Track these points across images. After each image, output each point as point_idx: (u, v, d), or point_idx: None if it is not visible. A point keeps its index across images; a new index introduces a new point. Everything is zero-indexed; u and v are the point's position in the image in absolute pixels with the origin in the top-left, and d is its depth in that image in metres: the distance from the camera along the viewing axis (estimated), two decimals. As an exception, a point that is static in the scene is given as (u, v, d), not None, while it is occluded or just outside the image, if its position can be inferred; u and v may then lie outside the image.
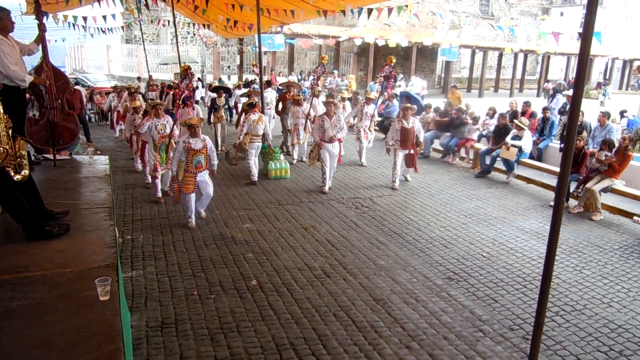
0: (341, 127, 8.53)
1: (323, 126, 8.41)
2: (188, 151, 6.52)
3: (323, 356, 4.00)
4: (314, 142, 8.74)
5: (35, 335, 2.28)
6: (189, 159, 6.53)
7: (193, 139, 6.56)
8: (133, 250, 6.01)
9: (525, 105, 12.01)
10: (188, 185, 6.61)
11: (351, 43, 25.31)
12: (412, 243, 6.47)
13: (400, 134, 8.81)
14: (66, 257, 3.11)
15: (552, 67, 34.92)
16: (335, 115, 8.49)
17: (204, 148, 6.63)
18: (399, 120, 8.88)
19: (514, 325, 4.59)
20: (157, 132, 7.77)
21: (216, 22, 13.41)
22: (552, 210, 3.77)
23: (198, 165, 6.60)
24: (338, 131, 8.46)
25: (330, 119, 8.43)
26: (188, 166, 6.57)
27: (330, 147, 8.45)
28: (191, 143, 6.54)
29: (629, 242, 6.77)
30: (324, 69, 10.54)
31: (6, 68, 4.53)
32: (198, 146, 6.56)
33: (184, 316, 4.54)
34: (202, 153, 6.60)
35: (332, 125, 8.40)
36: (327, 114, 8.51)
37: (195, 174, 6.62)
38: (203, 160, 6.63)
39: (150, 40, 29.90)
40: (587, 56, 3.40)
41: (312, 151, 8.71)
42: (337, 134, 8.47)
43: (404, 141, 8.81)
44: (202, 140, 6.63)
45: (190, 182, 6.61)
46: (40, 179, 4.78)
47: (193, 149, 6.53)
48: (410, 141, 8.80)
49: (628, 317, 4.80)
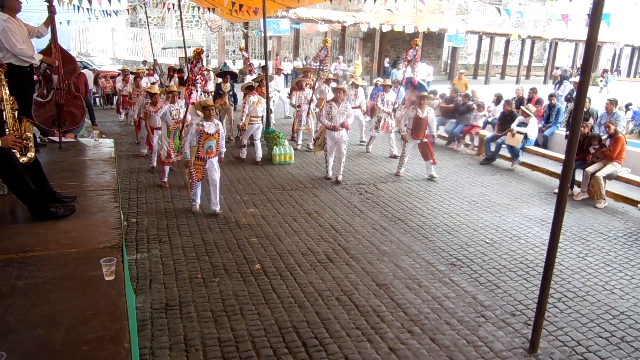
0: (349, 115, 8.29)
1: (331, 113, 8.16)
2: (200, 135, 6.29)
3: (325, 339, 4.04)
4: (319, 129, 8.58)
5: (41, 313, 2.31)
6: (201, 144, 6.33)
7: (207, 122, 6.35)
8: (138, 234, 6.05)
9: (532, 92, 11.91)
10: (198, 174, 6.45)
11: (357, 28, 25.08)
12: (416, 229, 6.48)
13: (413, 123, 8.58)
14: (72, 237, 3.14)
15: (560, 53, 34.54)
16: (343, 102, 8.26)
17: (216, 133, 6.41)
18: (414, 108, 8.59)
19: (516, 311, 4.61)
20: (172, 117, 7.63)
21: (221, 6, 13.29)
22: (556, 197, 3.76)
23: (209, 151, 6.41)
24: (345, 119, 8.25)
25: (339, 105, 8.17)
26: (199, 151, 6.36)
27: (336, 135, 8.23)
28: (204, 126, 6.31)
29: (633, 230, 6.76)
30: (326, 52, 10.34)
31: (13, 46, 4.55)
32: (211, 130, 6.35)
33: (188, 299, 4.59)
34: (214, 138, 6.39)
35: (339, 112, 8.14)
36: (335, 100, 8.28)
37: (205, 160, 6.45)
38: (214, 145, 6.44)
39: (155, 24, 29.75)
40: (594, 42, 3.37)
41: (318, 138, 8.56)
42: (345, 121, 8.26)
43: (416, 130, 8.58)
44: (215, 125, 6.42)
45: (199, 169, 6.44)
46: (46, 161, 4.80)
47: (206, 133, 6.31)
48: (422, 131, 8.58)
49: (630, 303, 4.81)
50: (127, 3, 24.14)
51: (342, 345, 3.97)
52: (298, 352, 3.87)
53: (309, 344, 3.97)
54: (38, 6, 5.92)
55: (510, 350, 3.99)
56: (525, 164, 9.82)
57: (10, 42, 4.52)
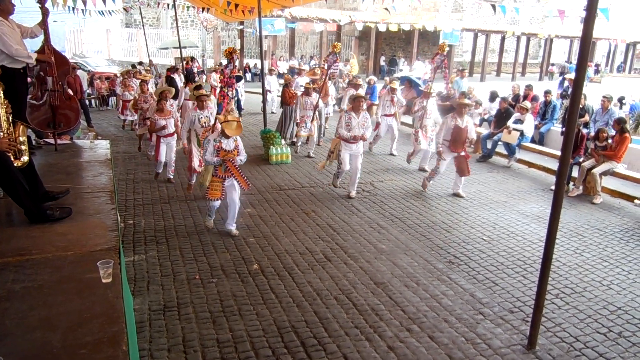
0: (368, 126, 7.53)
1: (350, 124, 7.33)
2: (218, 152, 5.69)
3: (324, 339, 4.04)
4: (333, 141, 7.76)
5: (38, 316, 2.30)
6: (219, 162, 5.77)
7: (225, 138, 5.75)
8: (135, 235, 6.03)
9: (528, 89, 11.93)
10: (214, 192, 5.80)
11: (352, 27, 25.08)
12: (413, 227, 6.49)
13: (452, 134, 7.53)
14: (68, 240, 3.13)
15: (555, 50, 34.60)
16: (363, 112, 7.46)
17: (235, 149, 5.81)
18: (453, 117, 7.57)
19: (514, 307, 4.62)
20: (201, 125, 7.06)
21: (216, 6, 13.27)
22: (553, 193, 3.77)
23: (227, 170, 5.82)
24: (364, 131, 7.44)
25: (358, 116, 7.37)
26: (217, 170, 5.79)
27: (354, 148, 7.45)
28: (222, 143, 5.72)
29: (630, 225, 6.78)
30: (335, 58, 9.64)
31: (8, 47, 4.53)
32: (230, 147, 5.75)
33: (186, 300, 4.58)
34: (234, 155, 5.79)
35: (359, 123, 7.36)
36: (355, 110, 7.41)
37: (224, 178, 5.83)
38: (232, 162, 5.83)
39: (150, 24, 29.66)
40: (589, 38, 3.37)
41: (332, 152, 7.68)
42: (364, 133, 7.46)
43: (455, 142, 7.53)
44: (234, 140, 5.81)
45: (217, 187, 5.80)
46: (42, 163, 4.79)
47: (224, 150, 5.71)
48: (462, 143, 7.55)
49: (627, 299, 4.83)
50: (122, 3, 24.06)
51: (340, 344, 3.97)
52: (297, 351, 3.87)
53: (308, 344, 3.97)
54: (31, 8, 5.89)
55: (509, 347, 4.00)
56: (521, 160, 9.84)
57: (6, 44, 4.50)
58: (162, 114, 7.79)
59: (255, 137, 11.41)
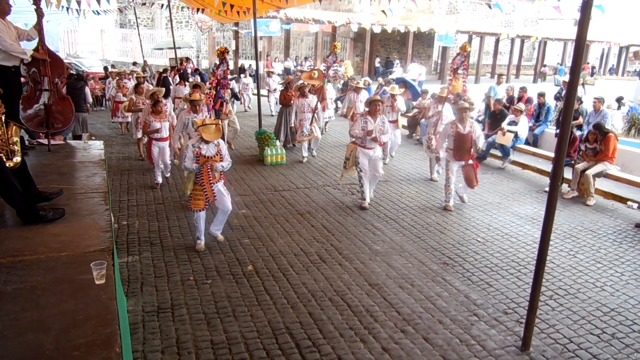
0: (386, 131, 7.14)
1: (366, 129, 6.90)
2: (197, 158, 5.32)
3: (319, 340, 4.03)
4: (348, 148, 7.38)
5: (30, 318, 2.28)
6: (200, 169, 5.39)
7: (204, 143, 5.36)
8: (129, 236, 6.00)
9: (522, 91, 11.98)
10: (197, 201, 5.43)
11: (347, 28, 25.12)
12: (408, 229, 6.49)
13: (454, 141, 7.16)
14: (61, 241, 3.10)
15: (549, 52, 34.83)
16: (380, 116, 7.03)
17: (217, 154, 5.43)
18: (453, 124, 7.19)
19: (508, 309, 4.63)
20: (194, 129, 6.51)
21: (211, 6, 13.26)
22: (547, 195, 3.78)
23: (211, 177, 5.45)
24: (381, 135, 7.04)
25: (375, 120, 6.94)
26: (198, 177, 5.41)
27: (371, 153, 7.06)
28: (202, 148, 5.34)
29: (623, 227, 6.82)
30: (335, 58, 9.51)
31: (3, 42, 4.53)
32: (211, 152, 5.38)
33: (180, 301, 4.56)
34: (215, 161, 5.42)
35: (376, 128, 6.93)
36: (371, 113, 6.97)
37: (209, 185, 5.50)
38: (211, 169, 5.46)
39: (144, 24, 29.60)
40: (584, 41, 3.39)
41: (348, 159, 7.30)
42: (381, 137, 7.09)
43: (459, 150, 7.11)
44: (215, 145, 5.44)
45: (200, 197, 5.42)
46: (35, 164, 4.75)
47: (204, 156, 5.34)
48: (467, 150, 7.11)
49: (621, 300, 4.85)
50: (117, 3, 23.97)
51: (335, 345, 3.97)
52: (291, 353, 3.86)
53: (303, 345, 3.96)
54: (25, 8, 5.85)
55: (503, 349, 4.01)
56: (515, 162, 9.88)
57: (0, 40, 4.50)
58: (157, 116, 7.64)
59: (250, 137, 11.39)
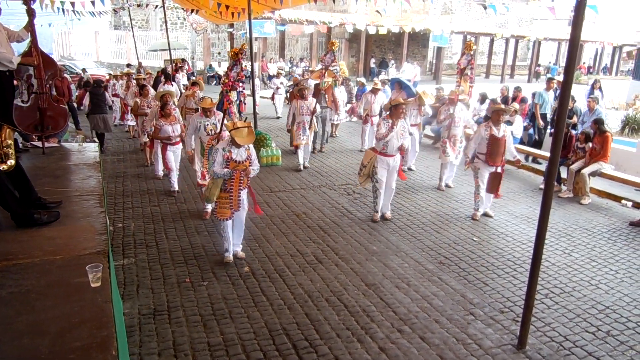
0: (407, 136, 6.66)
1: (388, 135, 6.45)
2: (228, 162, 5.02)
3: (316, 341, 4.03)
4: (365, 155, 6.89)
5: (25, 322, 2.27)
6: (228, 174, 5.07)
7: (236, 147, 5.06)
8: (124, 239, 5.99)
9: (516, 91, 12.02)
10: (224, 210, 5.12)
11: (342, 29, 25.14)
12: (404, 228, 6.50)
13: (487, 145, 6.67)
14: (56, 244, 3.08)
15: (543, 52, 34.99)
16: (402, 121, 6.55)
17: (247, 159, 5.13)
18: (487, 126, 6.70)
19: (504, 308, 4.65)
20: (207, 133, 6.37)
21: (206, 7, 13.22)
22: (542, 194, 3.80)
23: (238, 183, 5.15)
24: (402, 141, 6.55)
25: (397, 125, 6.48)
26: (226, 183, 5.09)
27: (391, 162, 6.59)
28: (232, 152, 5.03)
29: (617, 225, 6.85)
30: (333, 57, 9.26)
31: None
32: (242, 156, 5.09)
33: (177, 303, 4.55)
34: (244, 166, 5.11)
35: (398, 133, 6.46)
36: (395, 116, 6.47)
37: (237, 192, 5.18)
38: (244, 175, 5.16)
39: (139, 26, 29.51)
40: (577, 41, 3.41)
41: (365, 166, 6.76)
42: (402, 144, 6.57)
43: (492, 155, 6.60)
44: (246, 149, 5.14)
45: (226, 204, 5.11)
46: (29, 167, 4.72)
47: (235, 161, 5.04)
48: (500, 155, 6.63)
49: (615, 298, 4.87)
50: (111, 4, 23.91)
51: (332, 346, 3.97)
52: (288, 354, 3.86)
53: (300, 346, 3.96)
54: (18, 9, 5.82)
55: (499, 347, 4.02)
56: (510, 161, 9.88)
57: None
58: (167, 120, 7.44)
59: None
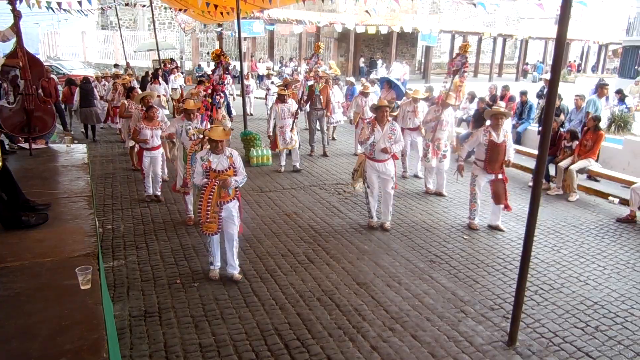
0: (397, 140, 6.20)
1: (369, 138, 6.13)
2: (207, 172, 4.68)
3: (308, 341, 4.04)
4: (359, 158, 6.66)
5: (15, 325, 2.25)
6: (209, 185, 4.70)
7: (214, 155, 4.70)
8: (114, 240, 5.94)
9: (504, 90, 12.12)
10: (210, 224, 4.77)
11: (331, 29, 25.17)
12: (394, 227, 6.52)
13: (486, 152, 6.32)
14: (45, 246, 3.06)
15: (530, 51, 35.30)
16: (389, 123, 6.19)
17: (230, 167, 4.72)
18: (486, 131, 6.32)
19: (495, 305, 4.69)
20: (189, 137, 6.04)
21: (194, 7, 13.17)
22: (531, 192, 3.84)
23: (223, 194, 4.76)
24: (391, 144, 6.16)
25: (383, 128, 6.15)
26: (202, 194, 4.76)
27: (379, 167, 6.26)
28: (212, 162, 4.67)
29: (604, 222, 6.94)
30: (317, 59, 9.25)
31: None
32: (223, 165, 4.71)
33: (168, 305, 4.53)
34: (228, 175, 4.71)
35: (384, 136, 6.12)
36: (378, 119, 6.17)
37: (220, 206, 4.76)
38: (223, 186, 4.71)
39: (126, 26, 29.27)
40: (564, 39, 3.45)
41: (357, 170, 6.58)
42: (390, 147, 6.14)
43: (491, 162, 6.30)
44: (227, 157, 4.74)
45: (213, 219, 4.75)
46: (16, 169, 4.66)
47: (214, 170, 4.67)
48: (500, 162, 6.30)
49: (603, 294, 4.94)
50: (98, 4, 23.70)
51: (324, 345, 3.98)
52: (280, 354, 3.86)
53: (292, 346, 3.96)
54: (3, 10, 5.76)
55: (490, 344, 4.06)
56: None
57: None
58: (150, 123, 7.13)
59: (235, 139, 11.32)
